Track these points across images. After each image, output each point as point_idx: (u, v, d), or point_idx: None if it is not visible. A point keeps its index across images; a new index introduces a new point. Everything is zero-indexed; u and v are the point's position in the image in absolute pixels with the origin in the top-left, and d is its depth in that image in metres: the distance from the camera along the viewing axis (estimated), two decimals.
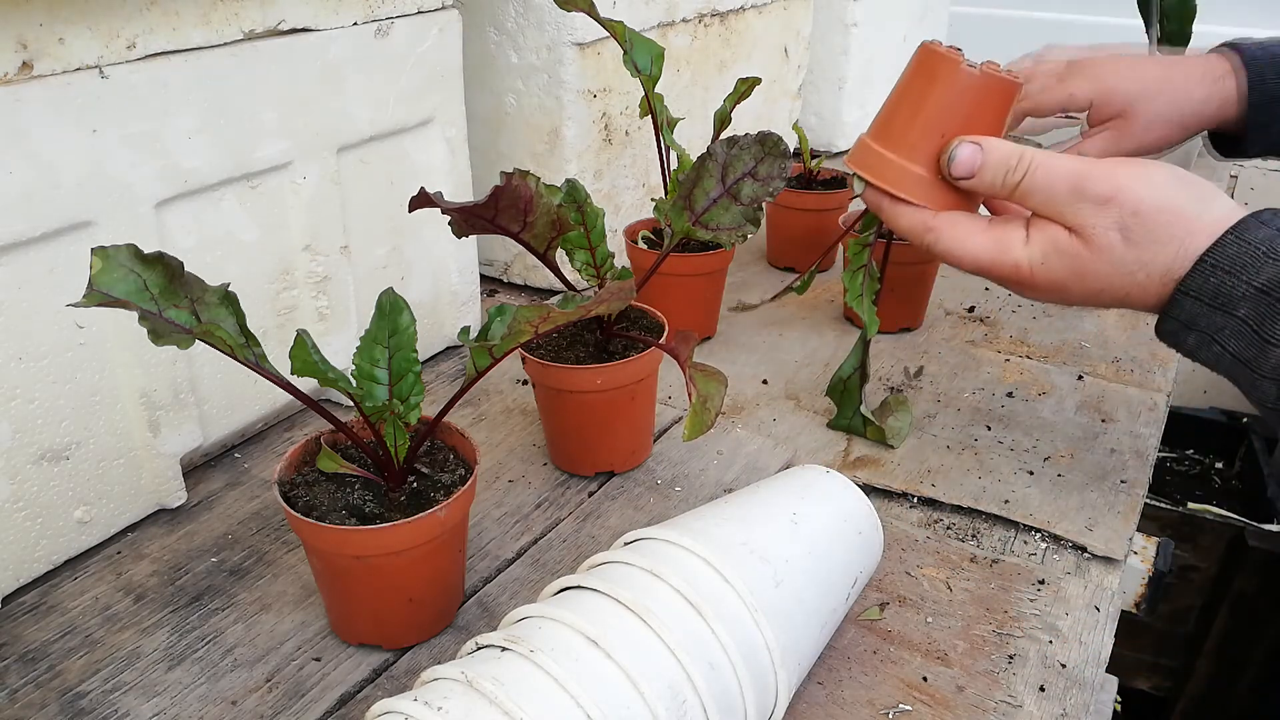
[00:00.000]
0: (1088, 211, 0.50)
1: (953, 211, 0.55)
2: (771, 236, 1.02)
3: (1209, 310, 0.50)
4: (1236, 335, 0.49)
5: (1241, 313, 0.49)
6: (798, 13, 1.16)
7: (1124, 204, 0.50)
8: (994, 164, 0.52)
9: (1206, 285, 0.49)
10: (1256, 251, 0.49)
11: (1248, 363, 0.49)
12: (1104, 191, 0.50)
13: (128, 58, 0.53)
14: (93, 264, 0.39)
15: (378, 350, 0.50)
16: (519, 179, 0.49)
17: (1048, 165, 0.52)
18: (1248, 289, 0.48)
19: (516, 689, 0.36)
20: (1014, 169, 0.52)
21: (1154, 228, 0.50)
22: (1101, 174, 0.51)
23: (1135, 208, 0.50)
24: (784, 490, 0.50)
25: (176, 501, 0.62)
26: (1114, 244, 0.50)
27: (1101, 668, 0.52)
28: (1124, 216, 0.50)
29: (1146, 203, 0.50)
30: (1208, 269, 0.49)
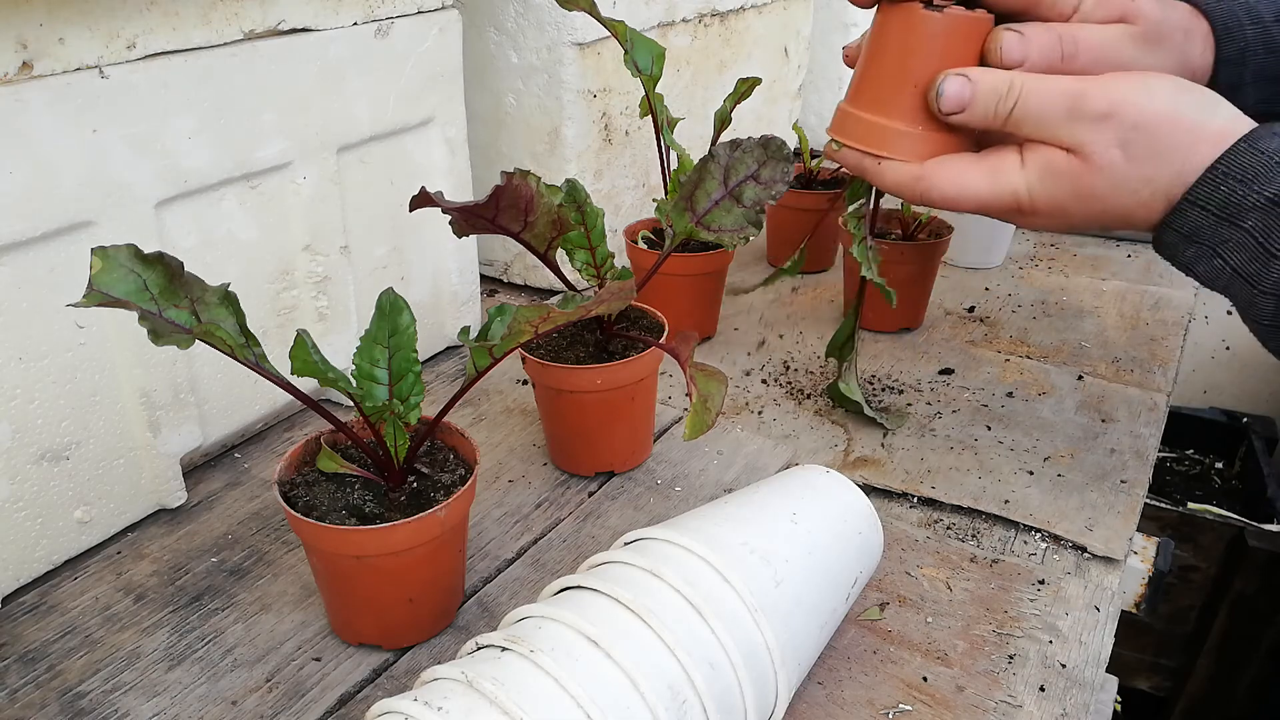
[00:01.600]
0: (1085, 130, 0.48)
1: (940, 157, 0.53)
2: (772, 236, 1.02)
3: (1215, 221, 0.47)
4: (1240, 248, 0.47)
5: (1248, 224, 0.47)
6: (798, 13, 1.16)
7: (1124, 118, 0.48)
8: (984, 93, 0.50)
9: (1215, 194, 0.47)
10: (1270, 161, 0.46)
11: (1249, 277, 0.47)
12: (1101, 108, 0.48)
13: (128, 58, 0.53)
14: (93, 264, 0.39)
15: (378, 350, 0.50)
16: (519, 179, 0.49)
17: (1040, 88, 0.49)
18: (1259, 198, 0.46)
19: (516, 689, 0.36)
20: (1004, 96, 0.50)
21: (1156, 140, 0.48)
22: (1098, 90, 0.48)
23: (1135, 120, 0.48)
24: (784, 490, 0.50)
25: (176, 501, 0.62)
26: (1115, 161, 0.48)
27: (1101, 668, 0.52)
28: (1124, 131, 0.48)
29: (1148, 114, 0.47)
30: (1219, 177, 0.47)
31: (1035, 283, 0.98)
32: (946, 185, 0.52)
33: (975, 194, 0.52)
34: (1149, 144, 0.48)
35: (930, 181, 0.53)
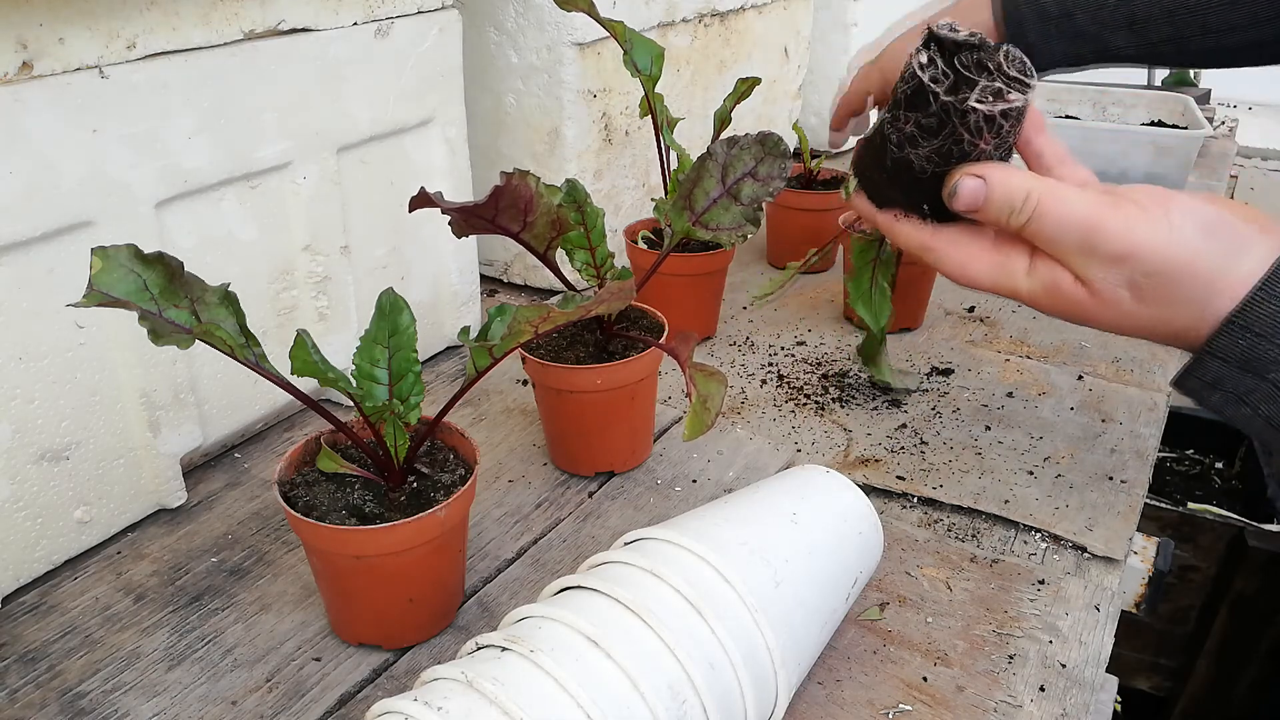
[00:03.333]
0: (1096, 267, 0.47)
1: (952, 229, 0.52)
2: (771, 236, 1.02)
3: (1238, 373, 0.46)
4: (1269, 399, 0.46)
5: (1273, 376, 0.45)
6: (798, 13, 1.16)
7: (1139, 263, 0.46)
8: (998, 201, 0.48)
9: (1235, 348, 0.46)
10: None
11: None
12: (1117, 250, 0.46)
13: (128, 58, 0.53)
14: (93, 264, 0.39)
15: (378, 350, 0.50)
16: (519, 179, 0.49)
17: (1057, 211, 0.47)
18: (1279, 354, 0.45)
19: (516, 689, 0.36)
20: (1018, 210, 0.48)
21: (1172, 290, 0.46)
22: (1116, 229, 0.46)
23: (1150, 269, 0.46)
24: (784, 490, 0.50)
25: (176, 501, 0.62)
26: (1122, 300, 0.47)
27: (1101, 668, 0.52)
28: (1137, 276, 0.46)
29: (1164, 263, 0.46)
30: (1236, 330, 0.45)
31: None
32: (952, 267, 0.52)
33: (977, 282, 0.51)
34: (1163, 292, 0.46)
35: (937, 256, 0.52)
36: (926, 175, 0.50)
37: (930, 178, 0.50)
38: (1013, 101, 0.47)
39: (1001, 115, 0.48)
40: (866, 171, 0.54)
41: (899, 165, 0.51)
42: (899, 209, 0.53)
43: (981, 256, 0.51)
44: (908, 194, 0.52)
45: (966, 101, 0.47)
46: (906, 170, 0.50)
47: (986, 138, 0.48)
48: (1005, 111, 0.47)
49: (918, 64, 0.48)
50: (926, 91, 0.48)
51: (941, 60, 0.48)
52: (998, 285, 0.51)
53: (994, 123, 0.48)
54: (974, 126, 0.48)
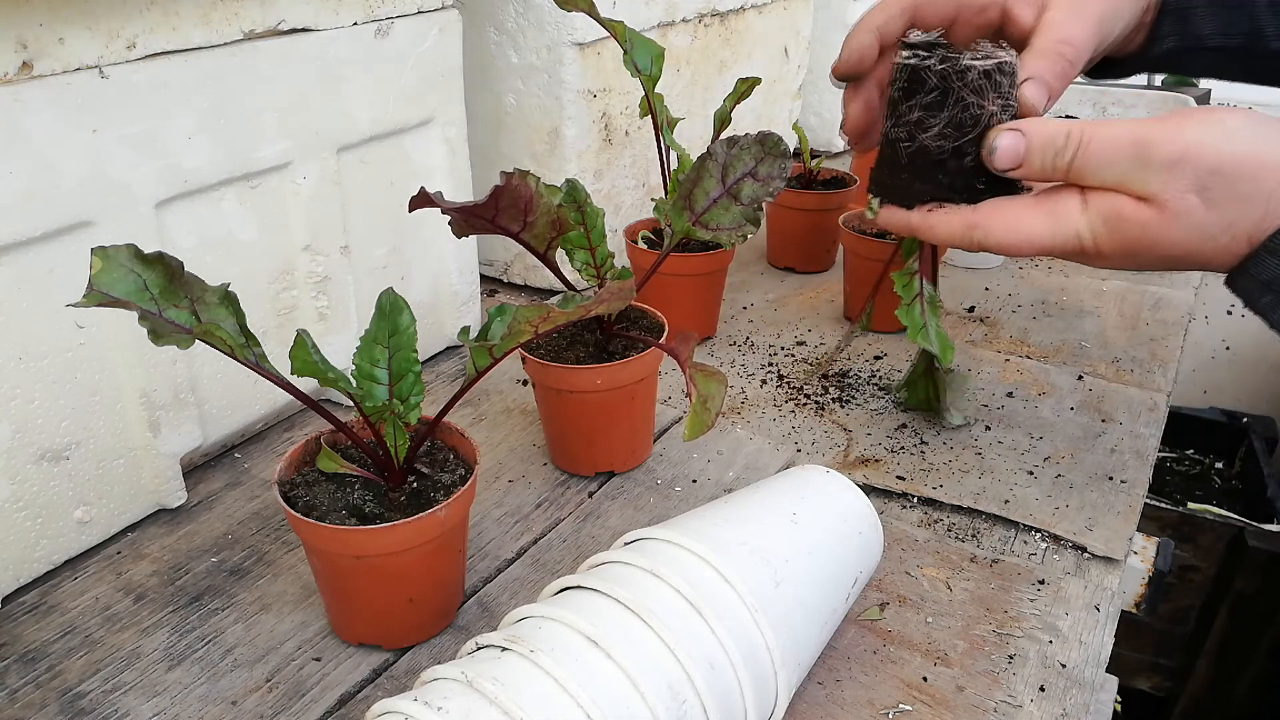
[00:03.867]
0: (1157, 177, 0.45)
1: (990, 202, 0.50)
2: (771, 236, 1.02)
3: None
4: None
5: None
6: (798, 13, 1.16)
7: (1200, 161, 0.44)
8: (1039, 147, 0.47)
9: None
10: None
11: None
12: (1173, 152, 0.44)
13: (128, 58, 0.53)
14: (93, 264, 0.39)
15: (378, 350, 0.50)
16: (519, 179, 0.49)
17: (1102, 136, 0.46)
18: None
19: (516, 689, 0.36)
20: (1062, 149, 0.47)
21: (1239, 183, 0.44)
22: (1166, 134, 0.45)
23: (1213, 164, 0.44)
24: (784, 490, 0.50)
25: (176, 501, 0.62)
26: (1193, 208, 0.45)
27: (1101, 668, 0.52)
28: (1201, 175, 0.44)
29: (1226, 156, 0.44)
30: None
31: (1035, 283, 0.98)
32: (1002, 232, 0.49)
33: (1034, 239, 0.49)
34: (1230, 188, 0.45)
35: (985, 229, 0.50)
36: (947, 153, 0.50)
37: (952, 154, 0.50)
38: (1002, 56, 0.50)
39: (998, 70, 0.49)
40: (885, 181, 0.54)
41: (916, 155, 0.51)
42: (929, 202, 0.52)
43: (1030, 214, 0.49)
44: (934, 182, 0.51)
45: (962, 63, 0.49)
46: (925, 157, 0.51)
47: (991, 97, 0.49)
48: (1000, 65, 0.49)
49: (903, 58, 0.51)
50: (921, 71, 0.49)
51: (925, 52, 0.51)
52: (1055, 236, 0.49)
53: (992, 78, 0.49)
54: (975, 85, 0.49)
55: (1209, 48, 0.59)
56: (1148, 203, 0.46)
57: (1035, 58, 0.53)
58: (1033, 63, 0.53)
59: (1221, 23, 0.58)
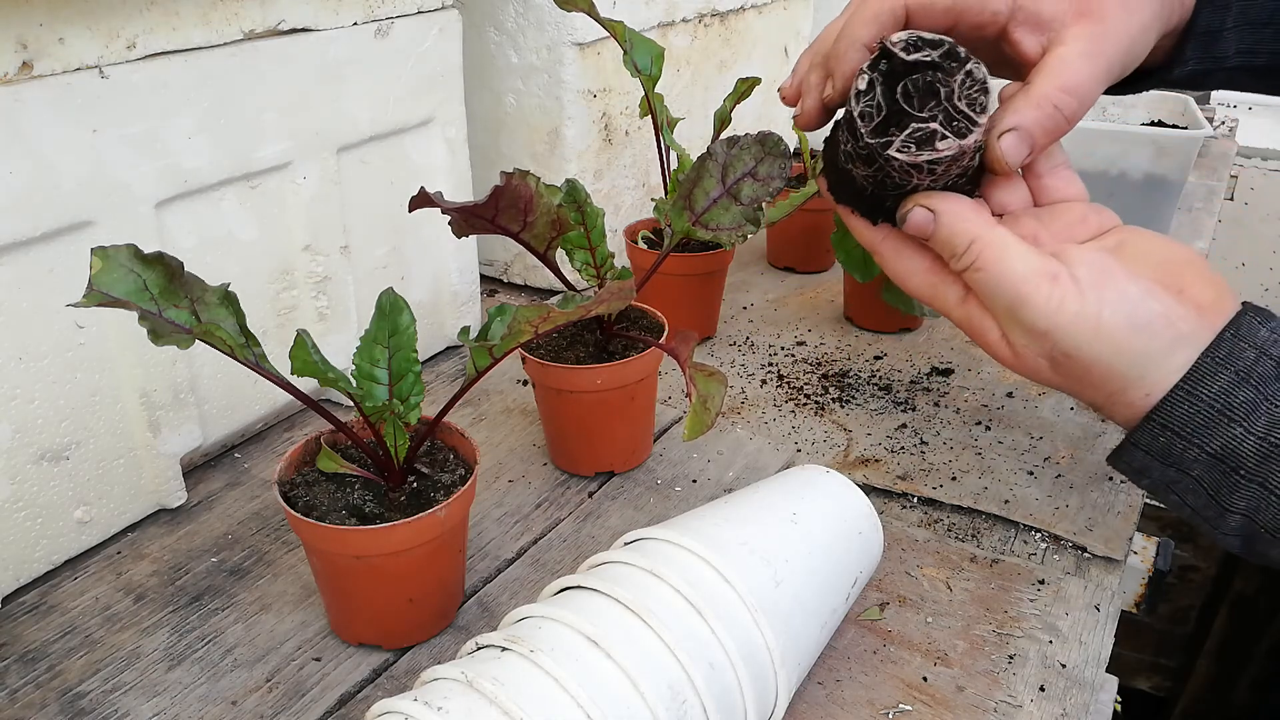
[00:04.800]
0: (1019, 333, 0.46)
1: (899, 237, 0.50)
2: (771, 236, 1.02)
3: (1161, 465, 0.46)
4: (1193, 493, 0.46)
5: (1195, 473, 0.45)
6: (798, 13, 1.16)
7: (1059, 343, 0.45)
8: (942, 240, 0.47)
9: (1156, 444, 0.45)
10: (1210, 409, 0.44)
11: (1208, 519, 0.46)
12: (1040, 327, 0.45)
13: (128, 58, 0.53)
14: (93, 264, 0.39)
15: (378, 350, 0.50)
16: (519, 179, 0.49)
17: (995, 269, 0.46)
18: (1199, 454, 0.44)
19: (516, 689, 0.36)
20: (959, 256, 0.47)
21: (1087, 374, 0.46)
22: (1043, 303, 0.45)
23: (1070, 351, 0.45)
24: (784, 490, 0.50)
25: (176, 501, 0.62)
26: (1041, 368, 0.47)
27: (1101, 668, 0.52)
28: (1056, 353, 0.46)
29: (1085, 350, 0.45)
30: (1156, 428, 0.45)
31: None
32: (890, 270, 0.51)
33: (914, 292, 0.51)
34: (1079, 373, 0.46)
35: (881, 259, 0.52)
36: (868, 192, 0.49)
37: (871, 195, 0.49)
38: (942, 151, 0.44)
39: (929, 164, 0.44)
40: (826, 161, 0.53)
41: (844, 175, 0.49)
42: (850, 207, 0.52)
43: (920, 274, 0.50)
44: (856, 199, 0.51)
45: (887, 150, 0.44)
46: (851, 182, 0.49)
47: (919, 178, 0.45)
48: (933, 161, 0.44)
49: (855, 89, 0.45)
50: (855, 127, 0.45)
51: (882, 87, 0.44)
52: (931, 301, 0.50)
53: (921, 168, 0.44)
54: (900, 170, 0.45)
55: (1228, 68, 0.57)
56: (1008, 344, 0.47)
57: (1027, 106, 0.48)
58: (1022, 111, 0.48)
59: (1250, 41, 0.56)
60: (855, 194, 0.51)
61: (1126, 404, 0.46)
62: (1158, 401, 0.45)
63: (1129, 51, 0.51)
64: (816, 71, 0.53)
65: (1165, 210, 1.04)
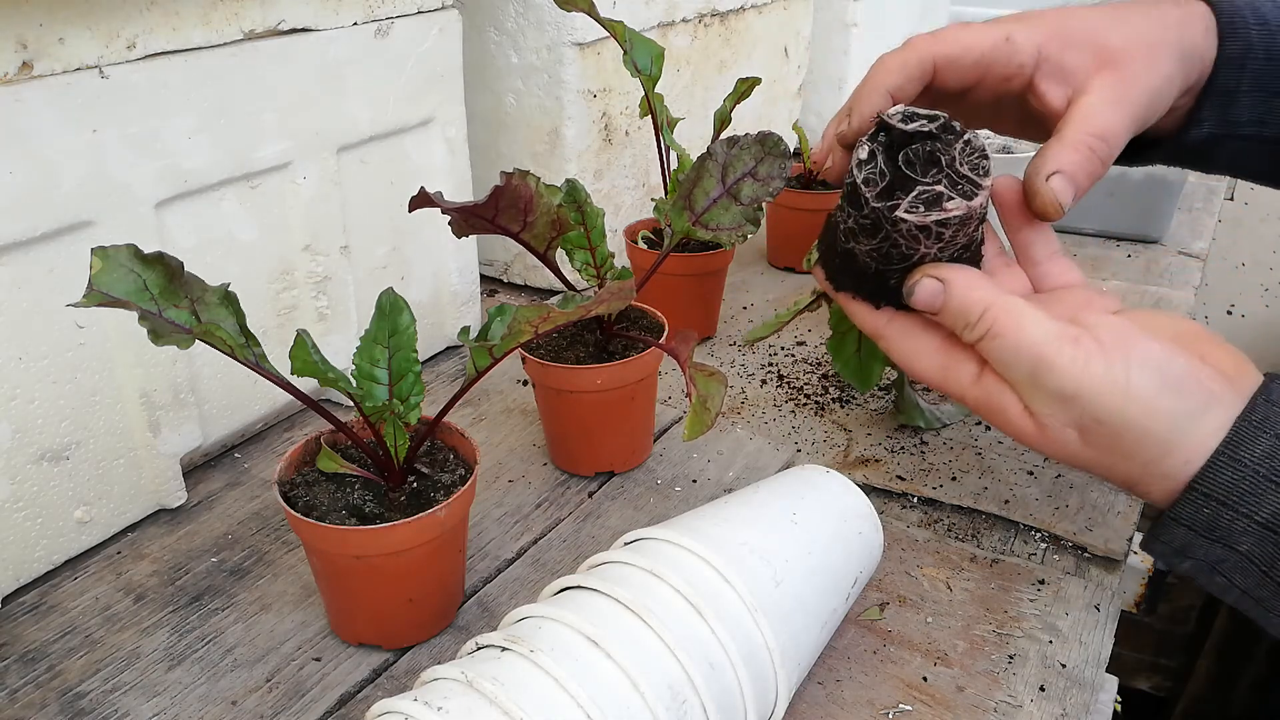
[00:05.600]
0: (1044, 402, 0.44)
1: (905, 318, 0.49)
2: (772, 236, 1.02)
3: (1206, 542, 0.43)
4: (1242, 571, 0.42)
5: (1244, 548, 0.42)
6: (798, 13, 1.16)
7: (1088, 407, 0.43)
8: (953, 311, 0.46)
9: (1199, 516, 0.42)
10: (1255, 475, 0.41)
11: (1260, 600, 0.42)
12: (1066, 390, 0.43)
13: (128, 58, 0.53)
14: (93, 264, 0.39)
15: (378, 350, 0.50)
16: (519, 179, 0.49)
17: (1012, 336, 0.44)
18: (1248, 524, 0.41)
19: (516, 689, 0.36)
20: (972, 326, 0.45)
21: (1120, 441, 0.43)
22: (1069, 366, 0.43)
23: (1101, 415, 0.43)
24: (784, 490, 0.50)
25: (176, 501, 0.62)
26: (1070, 441, 0.44)
27: (1101, 668, 0.52)
28: (1085, 419, 0.43)
29: (1115, 413, 0.42)
30: (1199, 499, 0.42)
31: None
32: (899, 356, 0.50)
33: (923, 376, 0.49)
34: (1110, 440, 0.43)
35: (888, 343, 0.50)
36: (871, 271, 0.48)
37: (875, 274, 0.48)
38: (950, 211, 0.44)
39: (938, 225, 0.44)
40: (824, 249, 0.52)
41: (847, 255, 0.49)
42: (853, 293, 0.51)
43: (930, 354, 0.49)
44: (858, 282, 0.50)
45: (895, 211, 0.44)
46: (853, 262, 0.49)
47: (926, 243, 0.45)
48: (941, 222, 0.44)
49: (856, 159, 0.45)
50: (859, 194, 0.45)
51: (883, 155, 0.45)
52: (943, 385, 0.48)
53: (929, 231, 0.44)
54: (908, 234, 0.45)
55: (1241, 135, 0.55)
56: (1031, 416, 0.45)
57: (1067, 150, 0.48)
58: (1063, 155, 0.48)
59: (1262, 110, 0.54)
60: (857, 276, 0.49)
61: (1163, 475, 0.43)
62: (1199, 469, 0.42)
63: (1153, 102, 0.51)
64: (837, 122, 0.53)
65: (1165, 210, 1.05)
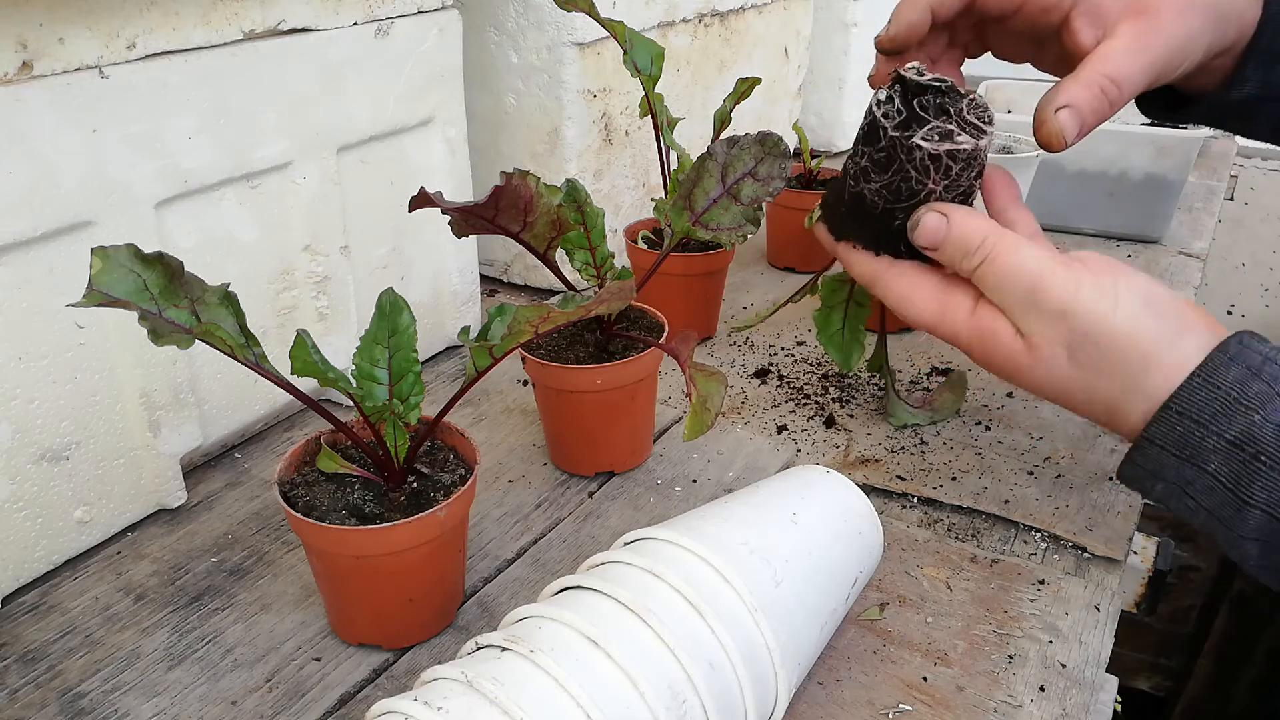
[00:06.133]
0: (1036, 321, 0.47)
1: (903, 265, 0.53)
2: (771, 236, 1.02)
3: (1177, 461, 0.45)
4: (1209, 492, 0.45)
5: (1212, 468, 0.44)
6: (798, 13, 1.16)
7: (1078, 322, 0.46)
8: (954, 242, 0.49)
9: (1173, 435, 0.45)
10: (1227, 397, 0.44)
11: (1225, 520, 0.45)
12: (1057, 306, 0.46)
13: (128, 58, 0.53)
14: (93, 264, 0.39)
15: (378, 350, 0.50)
16: (519, 179, 0.49)
17: (1008, 261, 0.48)
18: (1218, 442, 0.44)
19: (516, 689, 0.36)
20: (971, 254, 0.49)
21: (1104, 357, 0.46)
22: (1060, 283, 0.46)
23: (1087, 329, 0.46)
24: (784, 490, 0.50)
25: (176, 501, 0.62)
26: (1057, 358, 0.47)
27: (1101, 668, 0.52)
28: (1074, 336, 0.46)
29: (1101, 328, 0.46)
30: (1174, 416, 0.45)
31: None
32: (896, 298, 0.52)
33: (920, 318, 0.52)
34: (1096, 357, 0.46)
35: (884, 287, 0.52)
36: (878, 210, 0.52)
37: (881, 214, 0.52)
38: (960, 144, 0.48)
39: (948, 156, 0.48)
40: (829, 203, 0.56)
41: (854, 199, 0.52)
42: (854, 241, 0.54)
43: (927, 294, 0.52)
44: (862, 227, 0.53)
45: (912, 139, 0.48)
46: (860, 204, 0.52)
47: (935, 178, 0.49)
48: (951, 153, 0.48)
49: (875, 101, 0.50)
50: (878, 126, 0.49)
51: (900, 100, 0.49)
52: (938, 323, 0.51)
53: (940, 162, 0.49)
54: (920, 164, 0.49)
55: None
56: (1022, 338, 0.48)
57: (1078, 86, 0.51)
58: (1074, 90, 0.51)
59: None
60: (861, 220, 0.53)
61: (1143, 395, 0.46)
62: (1176, 388, 0.45)
63: (1177, 53, 0.53)
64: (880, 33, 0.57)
65: (1165, 210, 1.05)
